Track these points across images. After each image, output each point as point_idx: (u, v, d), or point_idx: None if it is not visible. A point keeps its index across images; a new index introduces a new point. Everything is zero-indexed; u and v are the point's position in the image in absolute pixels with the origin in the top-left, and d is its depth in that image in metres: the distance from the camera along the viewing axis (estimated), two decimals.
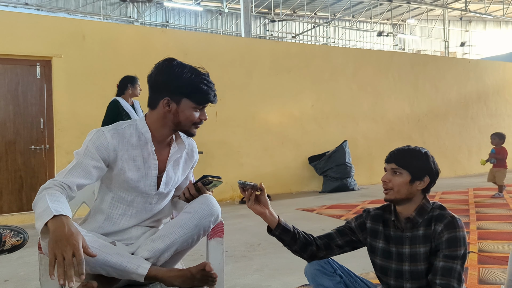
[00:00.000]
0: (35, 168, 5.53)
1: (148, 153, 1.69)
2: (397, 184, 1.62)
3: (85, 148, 1.61)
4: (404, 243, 1.64)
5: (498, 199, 5.91)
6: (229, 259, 3.30)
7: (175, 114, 1.65)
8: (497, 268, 2.87)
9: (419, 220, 1.63)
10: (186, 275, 1.59)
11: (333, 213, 5.30)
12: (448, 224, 1.56)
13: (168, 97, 1.64)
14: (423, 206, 1.64)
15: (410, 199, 1.63)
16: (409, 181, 1.61)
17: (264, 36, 20.16)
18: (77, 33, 5.80)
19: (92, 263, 1.49)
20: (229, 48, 7.05)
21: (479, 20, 23.70)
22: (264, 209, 1.67)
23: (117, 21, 17.22)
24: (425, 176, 1.63)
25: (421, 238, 1.61)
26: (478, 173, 9.61)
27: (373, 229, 1.72)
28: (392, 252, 1.67)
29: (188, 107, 1.64)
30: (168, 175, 1.75)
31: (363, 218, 1.77)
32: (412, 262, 1.61)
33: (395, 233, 1.67)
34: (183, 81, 1.62)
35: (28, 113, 5.52)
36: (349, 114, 8.11)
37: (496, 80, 10.22)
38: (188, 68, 1.65)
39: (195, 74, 1.65)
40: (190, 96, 1.63)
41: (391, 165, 1.65)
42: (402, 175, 1.62)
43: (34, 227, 1.37)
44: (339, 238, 1.76)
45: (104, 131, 1.64)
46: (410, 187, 1.62)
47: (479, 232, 4.01)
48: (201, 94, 1.64)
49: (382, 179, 1.67)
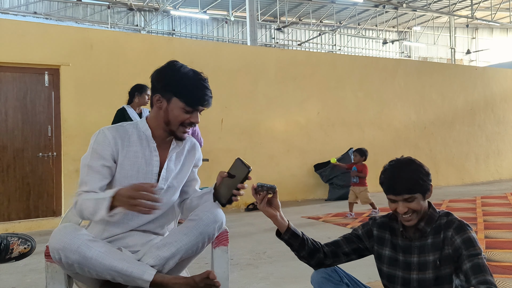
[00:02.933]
0: (43, 176, 5.57)
1: (150, 150, 1.71)
2: (417, 208, 1.60)
3: (91, 150, 1.67)
4: (412, 252, 1.64)
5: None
6: (235, 267, 3.29)
7: (165, 112, 1.67)
8: (505, 278, 2.84)
9: (428, 229, 1.63)
10: (190, 283, 1.60)
11: (339, 221, 5.27)
12: (457, 227, 1.57)
13: (159, 93, 1.67)
14: (430, 215, 1.64)
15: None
16: (423, 198, 1.62)
17: (270, 44, 20.24)
18: (85, 42, 5.86)
19: (99, 268, 1.50)
20: (235, 56, 7.09)
21: (486, 27, 23.64)
22: (275, 211, 1.66)
23: (124, 29, 17.40)
24: (429, 185, 1.64)
25: (430, 246, 1.60)
26: (486, 181, 9.54)
27: (380, 237, 1.72)
28: (399, 260, 1.66)
29: (177, 106, 1.65)
30: (168, 171, 1.76)
31: (369, 226, 1.76)
32: (421, 270, 1.61)
33: (403, 242, 1.67)
34: (173, 80, 1.65)
35: (36, 121, 5.57)
36: (355, 122, 8.10)
37: (503, 87, 10.17)
38: (185, 69, 1.68)
39: (189, 75, 1.66)
40: (179, 96, 1.64)
41: (403, 196, 1.59)
42: (417, 198, 1.60)
43: (41, 235, 1.40)
44: (346, 245, 1.75)
45: (103, 129, 1.70)
46: (424, 203, 1.63)
47: (487, 241, 3.97)
48: (191, 95, 1.64)
49: (400, 211, 1.60)
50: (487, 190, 7.95)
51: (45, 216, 5.54)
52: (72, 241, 1.50)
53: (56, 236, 1.53)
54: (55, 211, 5.61)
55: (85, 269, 1.51)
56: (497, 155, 9.98)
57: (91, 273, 1.53)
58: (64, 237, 1.51)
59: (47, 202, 5.59)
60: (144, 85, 4.74)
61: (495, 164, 9.93)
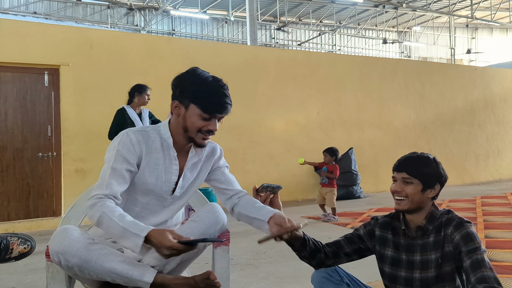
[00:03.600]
0: (42, 176, 5.57)
1: (170, 159, 1.70)
2: (410, 193, 1.61)
3: (115, 153, 1.62)
4: (415, 251, 1.64)
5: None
6: (235, 267, 3.29)
7: (183, 119, 1.65)
8: (506, 278, 2.84)
9: (430, 227, 1.63)
10: (190, 283, 1.60)
11: (339, 221, 5.27)
12: (457, 224, 1.58)
13: (177, 100, 1.65)
14: (432, 213, 1.64)
15: (421, 208, 1.64)
16: (421, 190, 1.61)
17: (269, 44, 20.24)
18: (85, 42, 5.86)
19: (98, 271, 1.50)
20: (235, 56, 7.09)
21: (486, 27, 23.64)
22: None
23: (124, 29, 17.39)
24: (436, 184, 1.63)
25: (432, 245, 1.61)
26: (486, 181, 9.54)
27: (382, 237, 1.72)
28: (401, 260, 1.66)
29: (195, 113, 1.62)
30: (185, 179, 1.75)
31: (371, 226, 1.76)
32: (423, 269, 1.61)
33: (406, 241, 1.67)
34: (191, 86, 1.62)
35: (36, 120, 5.57)
36: (355, 122, 8.10)
37: (503, 87, 10.17)
38: (204, 75, 1.64)
39: (208, 82, 1.63)
40: (196, 102, 1.61)
41: (402, 174, 1.63)
42: (414, 184, 1.61)
43: (41, 235, 1.40)
44: (347, 246, 1.75)
45: (129, 133, 1.66)
46: (422, 196, 1.62)
47: (487, 241, 3.97)
48: (208, 102, 1.61)
49: (393, 189, 1.65)
50: (487, 190, 7.95)
51: (45, 216, 5.53)
52: (71, 244, 1.50)
53: (55, 239, 1.53)
54: (55, 211, 5.61)
55: (85, 271, 1.51)
56: (497, 155, 9.98)
57: (91, 275, 1.53)
58: (63, 240, 1.51)
59: (47, 202, 5.59)
60: (144, 85, 4.74)
61: (495, 164, 9.93)
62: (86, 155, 5.67)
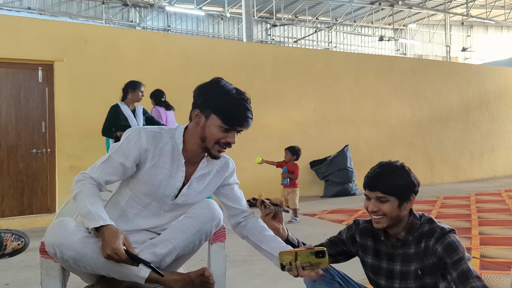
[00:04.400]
0: (37, 172, 5.54)
1: (178, 165, 1.69)
2: (388, 212, 1.55)
3: (121, 144, 1.63)
4: (395, 260, 1.62)
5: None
6: (231, 264, 3.28)
7: (202, 128, 1.63)
8: (499, 274, 2.85)
9: (409, 238, 1.59)
10: (185, 279, 1.60)
11: (334, 218, 5.28)
12: (438, 236, 1.53)
13: (198, 109, 1.64)
14: (411, 223, 1.60)
15: (399, 221, 1.60)
16: (398, 205, 1.56)
17: (265, 40, 20.20)
18: (79, 38, 5.82)
19: (94, 265, 1.50)
20: (231, 52, 7.06)
21: (481, 25, 23.72)
22: (278, 224, 1.70)
23: (119, 25, 17.29)
24: (411, 195, 1.58)
25: (413, 256, 1.58)
26: (480, 178, 9.59)
27: (363, 244, 1.70)
28: (381, 268, 1.65)
29: (215, 124, 1.61)
30: (190, 188, 1.73)
31: (353, 231, 1.74)
32: (403, 280, 1.59)
33: (387, 249, 1.65)
34: (215, 96, 1.61)
35: (30, 117, 5.53)
36: (350, 119, 8.11)
37: (498, 85, 10.22)
38: (228, 88, 1.64)
39: (231, 94, 1.62)
40: (218, 113, 1.60)
41: (376, 193, 1.57)
42: (390, 201, 1.55)
43: (35, 231, 1.39)
44: (330, 248, 1.75)
45: (141, 131, 1.65)
46: (399, 211, 1.57)
47: (481, 238, 3.99)
48: (230, 114, 1.60)
49: (369, 209, 1.59)
50: (481, 187, 7.99)
51: (39, 213, 5.51)
52: (68, 237, 1.49)
53: (52, 231, 1.52)
54: (49, 208, 5.58)
55: (81, 264, 1.51)
56: (491, 152, 10.04)
57: (86, 268, 1.52)
58: (59, 233, 1.50)
59: (41, 198, 5.56)
60: (137, 81, 4.73)
61: (489, 161, 9.99)
62: (80, 152, 5.65)
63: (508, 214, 5.13)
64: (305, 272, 1.49)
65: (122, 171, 1.63)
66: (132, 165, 1.63)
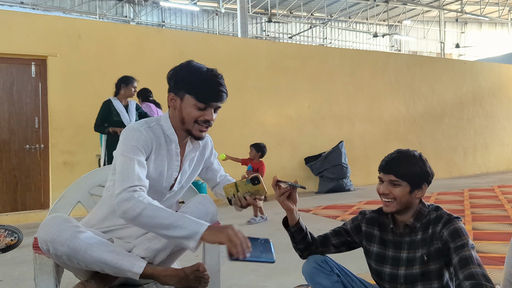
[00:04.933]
0: (30, 168, 5.50)
1: (171, 154, 1.69)
2: (398, 196, 1.59)
3: (131, 146, 1.56)
4: (402, 248, 1.64)
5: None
6: (225, 259, 3.28)
7: (179, 110, 1.63)
8: (492, 269, 2.88)
9: (417, 225, 1.63)
10: (180, 275, 1.59)
11: (329, 213, 5.30)
12: (445, 222, 1.57)
13: (172, 92, 1.64)
14: (420, 211, 1.64)
15: (409, 207, 1.63)
16: (409, 191, 1.60)
17: (260, 36, 20.16)
18: (73, 32, 5.77)
19: (88, 260, 1.49)
20: (225, 48, 7.04)
21: (475, 22, 23.82)
22: (293, 205, 1.67)
23: (113, 20, 17.17)
24: (424, 184, 1.62)
25: (420, 242, 1.61)
26: (474, 174, 9.66)
27: (368, 233, 1.72)
28: (387, 256, 1.66)
29: (190, 103, 1.60)
30: (183, 174, 1.75)
31: (358, 221, 1.77)
32: (409, 266, 1.61)
33: (394, 238, 1.67)
34: (184, 76, 1.61)
35: (23, 112, 5.48)
36: (345, 115, 8.13)
37: (491, 81, 10.27)
38: (197, 66, 1.64)
39: (201, 71, 1.62)
40: (191, 92, 1.60)
41: (389, 176, 1.60)
42: (402, 186, 1.59)
43: (28, 227, 1.37)
44: (334, 238, 1.77)
45: (140, 129, 1.61)
46: (410, 197, 1.61)
47: (474, 233, 4.02)
48: (202, 90, 1.59)
49: (380, 191, 1.62)
50: (474, 183, 8.05)
51: (32, 209, 5.47)
52: (60, 233, 1.48)
53: (44, 227, 1.51)
54: (43, 203, 5.55)
55: (74, 260, 1.50)
56: (484, 149, 10.10)
57: (80, 264, 1.51)
58: (52, 229, 1.49)
59: (35, 194, 5.53)
60: (130, 76, 4.70)
61: (483, 157, 10.06)
62: (74, 148, 5.61)
63: (501, 210, 5.18)
64: (249, 201, 1.60)
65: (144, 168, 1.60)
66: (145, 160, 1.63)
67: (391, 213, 1.65)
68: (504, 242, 3.64)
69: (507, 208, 5.27)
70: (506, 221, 4.53)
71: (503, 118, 10.41)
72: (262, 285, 2.79)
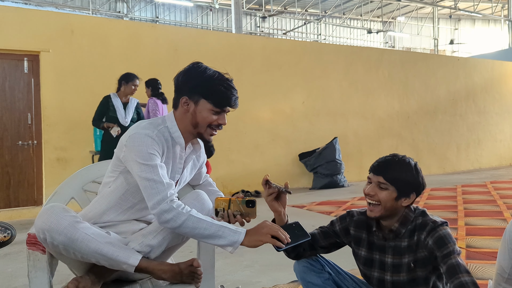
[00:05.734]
0: (23, 164, 5.46)
1: (175, 157, 1.69)
2: (383, 200, 1.55)
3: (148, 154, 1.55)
4: (387, 252, 1.62)
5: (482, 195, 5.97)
6: (220, 255, 3.29)
7: (193, 115, 1.64)
8: (484, 264, 2.91)
9: (402, 230, 1.59)
10: (174, 270, 1.60)
11: (323, 209, 5.32)
12: (430, 230, 1.54)
13: (186, 96, 1.64)
14: (406, 216, 1.60)
15: (394, 214, 1.59)
16: (395, 197, 1.56)
17: (255, 32, 20.11)
18: (66, 28, 5.73)
19: (84, 251, 1.49)
20: (219, 44, 7.02)
21: (468, 18, 23.91)
22: (281, 208, 1.66)
23: (106, 16, 17.04)
24: (412, 193, 1.58)
25: (406, 249, 1.58)
26: (466, 170, 9.73)
27: (357, 237, 1.70)
28: (374, 260, 1.65)
29: (206, 108, 1.63)
30: (182, 177, 1.76)
31: (346, 223, 1.73)
32: (395, 272, 1.60)
33: (378, 241, 1.65)
34: (201, 81, 1.62)
35: (15, 108, 5.44)
36: (339, 111, 8.14)
37: (484, 78, 10.33)
38: (211, 70, 1.66)
39: (216, 76, 1.64)
40: (207, 97, 1.62)
41: (378, 178, 1.57)
42: (389, 190, 1.55)
43: (22, 224, 1.37)
44: (323, 240, 1.74)
45: (153, 137, 1.58)
46: (395, 203, 1.57)
47: (467, 228, 4.05)
48: (219, 96, 1.62)
49: (366, 191, 1.59)
50: (467, 178, 8.11)
51: (25, 206, 5.44)
52: (58, 222, 1.48)
53: (42, 216, 1.51)
54: (36, 200, 5.52)
55: (70, 250, 1.50)
56: (477, 145, 10.17)
57: (76, 255, 1.51)
58: (50, 217, 1.49)
59: (28, 191, 5.50)
60: (132, 74, 4.71)
61: (475, 153, 10.13)
62: (67, 144, 5.58)
63: (493, 205, 5.22)
64: (238, 219, 1.63)
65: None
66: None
67: (375, 218, 1.62)
68: (496, 237, 3.68)
69: (499, 203, 5.32)
70: (498, 216, 4.57)
71: (495, 114, 10.48)
72: (256, 280, 2.80)
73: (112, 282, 1.70)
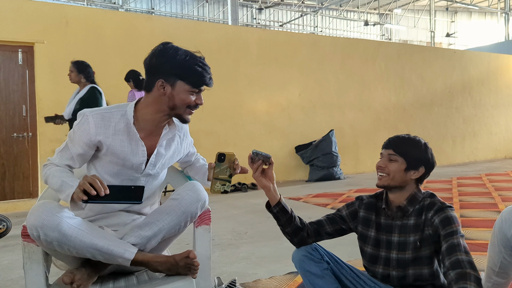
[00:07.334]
0: (18, 156, 5.44)
1: (135, 140, 1.67)
2: (392, 170, 1.62)
3: (72, 133, 1.64)
4: (393, 231, 1.66)
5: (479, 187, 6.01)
6: (216, 247, 3.30)
7: (170, 97, 1.63)
8: (479, 255, 2.93)
9: (410, 209, 1.64)
10: (170, 262, 1.60)
11: (319, 201, 5.34)
12: (438, 209, 1.59)
13: (162, 78, 1.62)
14: (414, 195, 1.65)
15: (403, 187, 1.64)
16: (404, 169, 1.62)
17: (251, 24, 20.01)
18: (60, 19, 5.67)
19: (79, 246, 1.48)
20: (215, 36, 6.98)
21: (465, 11, 23.89)
22: (269, 183, 1.66)
23: (101, 7, 16.88)
24: (421, 166, 1.64)
25: (412, 227, 1.62)
26: (462, 163, 9.78)
27: (366, 218, 1.73)
28: (381, 240, 1.68)
29: (183, 90, 1.62)
30: (158, 156, 1.74)
31: (355, 206, 1.77)
32: (400, 250, 1.63)
33: (385, 221, 1.68)
34: (177, 63, 1.61)
35: (10, 100, 5.40)
36: (336, 104, 8.14)
37: (480, 70, 10.35)
38: (183, 50, 1.65)
39: (190, 56, 1.63)
40: (184, 78, 1.61)
41: (388, 151, 1.65)
42: (398, 162, 1.63)
43: (17, 216, 1.36)
44: (329, 226, 1.77)
45: (88, 116, 1.62)
46: (404, 175, 1.63)
47: (462, 220, 4.08)
48: (196, 76, 1.62)
49: (377, 165, 1.67)
50: (463, 171, 8.15)
51: (21, 198, 5.43)
52: (51, 218, 1.46)
53: (34, 213, 1.48)
54: (31, 192, 5.50)
55: (65, 247, 1.48)
56: (473, 137, 10.21)
57: (70, 251, 1.50)
58: (43, 214, 1.47)
59: (23, 183, 5.48)
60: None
61: (471, 146, 10.17)
62: (62, 136, 5.54)
63: (488, 197, 5.25)
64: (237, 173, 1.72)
65: (81, 159, 1.66)
66: (87, 150, 1.64)
67: (384, 189, 1.68)
68: (491, 229, 3.70)
69: (494, 196, 5.35)
70: (493, 208, 4.60)
71: (491, 107, 10.52)
72: (252, 272, 2.80)
73: (108, 275, 1.70)
